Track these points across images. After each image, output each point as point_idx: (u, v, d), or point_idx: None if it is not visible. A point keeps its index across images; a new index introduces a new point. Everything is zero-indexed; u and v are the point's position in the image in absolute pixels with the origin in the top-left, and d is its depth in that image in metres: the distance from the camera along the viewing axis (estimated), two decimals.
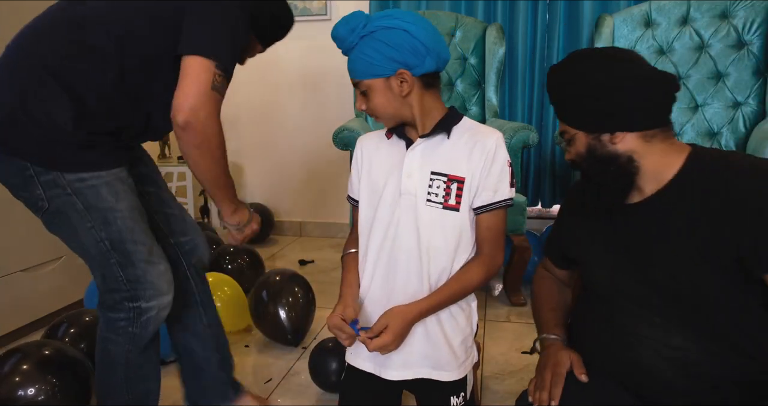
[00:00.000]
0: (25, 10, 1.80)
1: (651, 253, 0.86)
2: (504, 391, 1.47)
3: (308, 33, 3.00)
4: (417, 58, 0.93)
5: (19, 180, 0.93)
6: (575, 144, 0.89)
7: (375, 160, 1.06)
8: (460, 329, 1.03)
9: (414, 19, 0.93)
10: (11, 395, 1.20)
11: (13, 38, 0.99)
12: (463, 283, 0.99)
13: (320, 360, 1.45)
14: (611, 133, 0.85)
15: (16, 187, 0.95)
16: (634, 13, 2.33)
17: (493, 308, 2.10)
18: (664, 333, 0.86)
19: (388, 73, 0.94)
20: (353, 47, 0.94)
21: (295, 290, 1.78)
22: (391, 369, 1.02)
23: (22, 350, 1.28)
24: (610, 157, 0.86)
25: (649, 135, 0.84)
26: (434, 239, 0.98)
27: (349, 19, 0.94)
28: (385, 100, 0.96)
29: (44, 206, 0.94)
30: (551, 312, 1.06)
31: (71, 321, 1.52)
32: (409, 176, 0.99)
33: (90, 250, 0.99)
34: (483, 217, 0.99)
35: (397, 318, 0.94)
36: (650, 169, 0.85)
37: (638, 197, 0.88)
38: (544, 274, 1.15)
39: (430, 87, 0.99)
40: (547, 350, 0.98)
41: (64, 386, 1.25)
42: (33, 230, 1.81)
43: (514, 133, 2.06)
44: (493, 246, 1.01)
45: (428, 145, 1.00)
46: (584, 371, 0.92)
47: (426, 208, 0.98)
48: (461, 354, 1.03)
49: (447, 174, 0.97)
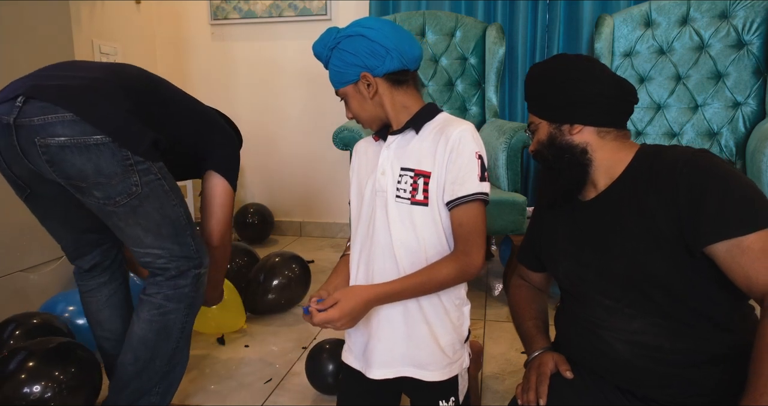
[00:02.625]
0: (25, 10, 1.80)
1: (607, 244, 0.90)
2: (504, 391, 1.47)
3: (308, 33, 3.00)
4: (376, 59, 0.96)
5: (120, 169, 1.08)
6: (538, 134, 0.97)
7: (362, 162, 1.09)
8: (448, 329, 1.02)
9: (373, 24, 0.97)
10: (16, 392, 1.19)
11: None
12: (431, 275, 0.95)
13: (317, 362, 1.44)
14: (571, 124, 0.93)
15: (112, 176, 1.08)
16: (634, 13, 2.33)
17: (493, 308, 2.10)
18: (627, 319, 0.89)
19: (354, 79, 0.99)
20: (327, 61, 1.01)
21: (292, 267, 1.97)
22: (374, 368, 1.02)
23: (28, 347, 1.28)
24: (567, 146, 0.94)
25: (604, 132, 0.93)
26: (405, 235, 0.98)
27: (322, 37, 1.00)
28: (358, 105, 1.02)
29: (138, 190, 1.11)
30: (531, 321, 1.07)
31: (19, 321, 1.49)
32: (383, 173, 1.00)
33: (173, 224, 1.17)
34: (454, 212, 0.97)
35: (350, 296, 0.93)
36: (602, 164, 0.93)
37: (593, 193, 0.94)
38: (518, 283, 1.18)
39: (400, 84, 1.00)
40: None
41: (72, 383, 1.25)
42: (33, 230, 1.81)
43: (514, 133, 2.06)
44: (467, 243, 0.96)
45: (400, 142, 1.01)
46: (569, 368, 0.94)
47: (395, 204, 0.98)
48: (449, 355, 1.02)
49: (414, 169, 0.98)
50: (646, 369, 0.87)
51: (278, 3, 3.02)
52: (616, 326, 0.90)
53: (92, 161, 1.05)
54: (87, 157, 1.05)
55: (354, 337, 1.07)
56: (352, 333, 1.08)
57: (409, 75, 1.01)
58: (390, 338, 1.00)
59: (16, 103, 1.03)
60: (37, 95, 1.04)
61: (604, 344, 0.91)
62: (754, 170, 1.83)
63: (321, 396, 1.46)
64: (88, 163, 1.05)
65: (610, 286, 0.90)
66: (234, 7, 3.09)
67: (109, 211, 1.12)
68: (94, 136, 1.04)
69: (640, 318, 0.87)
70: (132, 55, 3.05)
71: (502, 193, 1.99)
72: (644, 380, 0.88)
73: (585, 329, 0.95)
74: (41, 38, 1.86)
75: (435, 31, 2.60)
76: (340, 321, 0.92)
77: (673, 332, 0.85)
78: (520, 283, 1.17)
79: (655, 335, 0.86)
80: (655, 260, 0.84)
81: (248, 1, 3.06)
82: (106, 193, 1.09)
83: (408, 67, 0.99)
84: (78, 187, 1.09)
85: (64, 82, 1.09)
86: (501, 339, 1.80)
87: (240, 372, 1.61)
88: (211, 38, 3.19)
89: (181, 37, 3.23)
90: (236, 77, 3.19)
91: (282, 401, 1.45)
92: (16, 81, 1.10)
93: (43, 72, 1.14)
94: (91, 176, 1.06)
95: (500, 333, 1.85)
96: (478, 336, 1.83)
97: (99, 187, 1.08)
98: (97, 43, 2.76)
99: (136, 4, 3.06)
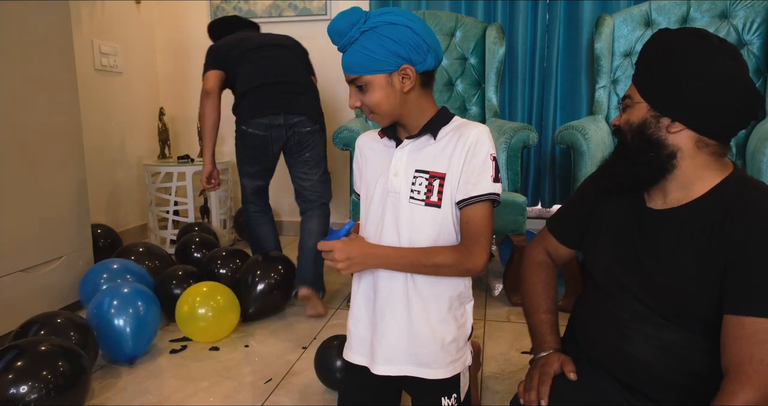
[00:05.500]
0: (25, 10, 1.80)
1: (658, 261, 0.86)
2: (504, 391, 1.47)
3: (308, 33, 3.00)
4: (420, 54, 0.94)
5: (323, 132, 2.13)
6: (632, 112, 0.87)
7: (370, 159, 1.08)
8: (452, 327, 1.02)
9: (414, 17, 0.95)
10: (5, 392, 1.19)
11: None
12: (429, 253, 0.96)
13: (325, 358, 1.45)
14: (672, 120, 0.82)
15: (320, 132, 2.12)
16: (634, 13, 2.33)
17: (493, 308, 2.10)
18: (657, 327, 0.87)
19: (391, 69, 0.94)
20: (353, 42, 0.93)
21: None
22: (378, 364, 1.02)
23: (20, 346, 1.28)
24: (657, 142, 0.83)
25: (704, 141, 0.82)
26: (415, 236, 0.98)
27: (348, 14, 0.93)
28: (384, 97, 0.95)
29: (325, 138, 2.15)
30: (546, 315, 1.04)
31: (43, 322, 1.49)
32: (396, 175, 1.00)
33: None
34: (464, 211, 0.97)
35: (354, 242, 0.96)
36: (684, 175, 0.84)
37: (660, 202, 0.88)
38: (539, 259, 1.11)
39: (426, 86, 1.00)
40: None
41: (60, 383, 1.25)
42: (33, 229, 1.82)
43: (514, 133, 2.06)
44: (471, 241, 0.96)
45: (415, 145, 1.00)
46: (573, 370, 0.92)
47: (409, 205, 0.98)
48: (451, 353, 1.02)
49: (429, 171, 0.97)
50: (665, 375, 0.86)
51: (278, 3, 3.02)
52: (645, 331, 0.88)
53: (320, 135, 2.16)
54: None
55: (359, 332, 1.08)
56: (358, 328, 1.08)
57: (434, 77, 1.01)
58: (394, 334, 1.00)
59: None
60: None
61: (627, 343, 0.89)
62: (754, 170, 1.83)
63: (322, 396, 1.46)
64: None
65: (649, 297, 0.88)
66: (234, 7, 3.09)
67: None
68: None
69: (671, 329, 0.86)
70: (132, 55, 3.05)
71: (502, 194, 1.99)
72: (658, 384, 0.87)
73: (609, 325, 0.93)
74: (41, 38, 1.86)
75: (435, 31, 2.60)
76: (339, 253, 0.93)
77: (703, 348, 0.84)
78: (541, 259, 1.11)
79: (686, 347, 0.85)
80: (697, 297, 0.82)
81: (248, 1, 3.06)
82: (307, 144, 2.11)
83: (436, 69, 0.99)
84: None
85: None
86: (501, 339, 1.80)
87: (240, 372, 1.61)
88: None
89: (181, 37, 3.23)
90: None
91: (282, 401, 1.45)
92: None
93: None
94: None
95: (500, 333, 1.85)
96: (478, 336, 1.83)
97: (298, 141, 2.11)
98: (97, 43, 2.76)
99: (136, 4, 3.06)
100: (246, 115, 2.04)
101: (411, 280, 0.99)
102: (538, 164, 2.78)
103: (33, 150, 1.82)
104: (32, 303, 1.82)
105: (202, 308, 1.75)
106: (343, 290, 2.29)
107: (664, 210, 0.88)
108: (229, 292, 1.84)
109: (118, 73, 2.95)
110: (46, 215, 1.87)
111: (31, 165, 1.81)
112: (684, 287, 0.83)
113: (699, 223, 0.83)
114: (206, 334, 1.79)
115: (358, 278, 1.07)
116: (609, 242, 0.95)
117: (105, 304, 1.62)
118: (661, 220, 0.88)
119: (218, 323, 1.79)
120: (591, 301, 1.00)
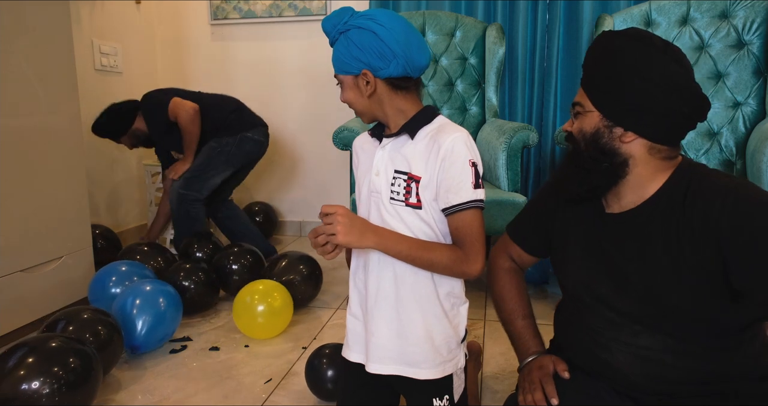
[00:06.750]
0: (25, 10, 1.80)
1: (628, 265, 0.86)
2: (504, 391, 1.47)
3: (308, 33, 3.00)
4: (382, 61, 0.93)
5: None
6: (584, 120, 0.86)
7: (361, 158, 1.08)
8: (444, 328, 1.01)
9: (388, 22, 0.92)
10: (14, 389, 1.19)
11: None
12: (425, 247, 0.95)
13: (316, 368, 1.43)
14: (625, 129, 0.82)
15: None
16: (634, 13, 2.33)
17: (493, 308, 2.09)
18: (632, 334, 0.87)
19: (355, 72, 0.96)
20: (335, 42, 0.98)
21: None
22: (371, 362, 1.03)
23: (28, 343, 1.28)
24: (611, 152, 0.84)
25: (656, 148, 0.83)
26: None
27: (334, 15, 0.96)
28: (354, 97, 0.99)
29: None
30: (525, 320, 1.05)
31: (69, 318, 1.51)
32: (377, 174, 1.00)
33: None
34: (450, 219, 0.97)
35: (356, 215, 0.95)
36: (636, 180, 0.85)
37: (616, 206, 0.88)
38: (506, 265, 1.10)
39: (400, 89, 0.98)
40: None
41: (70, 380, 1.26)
42: (33, 230, 1.82)
43: (514, 133, 2.06)
44: (465, 246, 0.96)
45: (395, 144, 1.00)
46: (566, 368, 0.93)
47: (390, 205, 0.98)
48: (442, 353, 1.01)
49: (407, 172, 0.97)
50: (644, 383, 0.86)
51: (278, 3, 3.02)
52: (620, 339, 0.88)
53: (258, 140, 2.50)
54: None
55: (356, 330, 1.08)
56: (355, 326, 1.08)
57: (411, 82, 0.99)
58: (384, 333, 1.01)
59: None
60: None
61: (605, 352, 0.89)
62: (754, 170, 1.83)
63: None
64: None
65: (624, 303, 0.87)
66: (234, 7, 3.09)
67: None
68: None
69: (646, 335, 0.86)
70: (132, 55, 3.05)
71: (502, 194, 1.99)
72: (643, 389, 0.87)
73: (587, 335, 0.93)
74: (41, 38, 1.86)
75: (435, 31, 2.60)
76: (343, 216, 0.90)
77: (680, 351, 0.83)
78: (508, 266, 1.10)
79: (661, 351, 0.84)
80: (675, 289, 0.81)
81: (248, 1, 3.06)
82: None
83: (411, 75, 0.97)
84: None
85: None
86: (501, 339, 1.80)
87: (240, 372, 1.61)
88: (211, 38, 3.19)
89: (181, 37, 3.23)
90: (236, 77, 3.19)
91: (282, 401, 1.45)
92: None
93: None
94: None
95: (500, 333, 1.85)
96: (478, 336, 1.83)
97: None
98: (97, 43, 2.76)
99: (136, 4, 3.06)
100: (246, 124, 2.40)
101: (400, 279, 0.99)
102: (538, 164, 2.78)
103: (33, 150, 1.82)
104: (32, 303, 1.82)
105: (261, 305, 1.80)
106: (343, 290, 2.29)
107: (622, 213, 0.88)
108: (283, 290, 1.89)
109: (118, 73, 2.95)
110: (46, 215, 1.87)
111: (31, 165, 1.81)
112: (661, 283, 0.82)
113: (659, 218, 0.83)
114: (264, 331, 1.84)
115: (353, 276, 1.07)
116: (578, 252, 0.94)
117: (128, 303, 1.66)
118: (622, 224, 0.87)
119: (275, 321, 1.83)
120: (568, 309, 1.00)
